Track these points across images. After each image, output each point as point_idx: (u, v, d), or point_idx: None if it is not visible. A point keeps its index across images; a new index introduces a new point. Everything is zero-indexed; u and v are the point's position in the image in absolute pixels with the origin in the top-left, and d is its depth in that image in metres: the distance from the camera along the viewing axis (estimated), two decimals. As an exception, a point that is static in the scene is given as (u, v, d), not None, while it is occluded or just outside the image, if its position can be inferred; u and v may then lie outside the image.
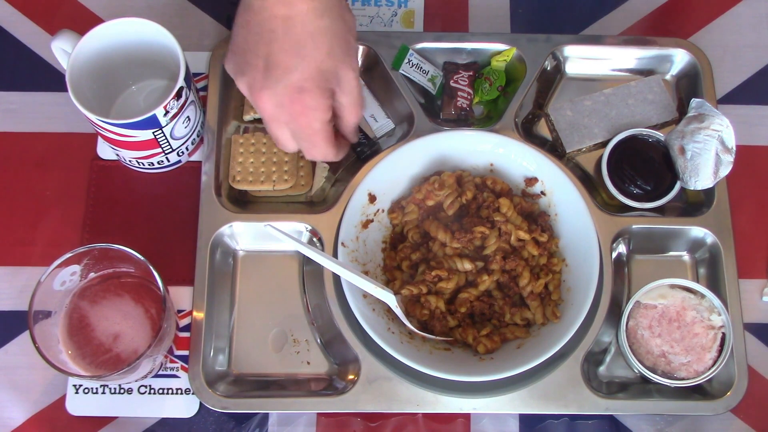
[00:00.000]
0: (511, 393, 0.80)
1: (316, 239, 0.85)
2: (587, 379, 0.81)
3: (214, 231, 0.84)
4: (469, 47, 0.91)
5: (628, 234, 0.86)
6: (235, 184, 0.87)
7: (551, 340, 0.78)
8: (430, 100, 0.92)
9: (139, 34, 0.82)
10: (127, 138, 0.81)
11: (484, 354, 0.80)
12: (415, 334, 0.81)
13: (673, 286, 0.81)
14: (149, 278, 0.76)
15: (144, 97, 0.89)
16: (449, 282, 0.80)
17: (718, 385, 0.81)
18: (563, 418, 0.82)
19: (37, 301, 0.75)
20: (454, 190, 0.84)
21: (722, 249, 0.84)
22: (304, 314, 0.85)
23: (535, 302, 0.81)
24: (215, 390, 0.80)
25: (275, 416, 0.82)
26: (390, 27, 0.96)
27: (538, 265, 0.83)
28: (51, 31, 0.94)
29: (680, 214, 0.87)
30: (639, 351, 0.80)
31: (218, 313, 0.84)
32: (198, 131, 0.88)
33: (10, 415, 0.82)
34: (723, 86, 0.93)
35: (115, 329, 0.79)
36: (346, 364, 0.83)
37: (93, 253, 0.77)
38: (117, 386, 0.83)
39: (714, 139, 0.83)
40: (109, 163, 0.90)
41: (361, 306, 0.79)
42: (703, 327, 0.80)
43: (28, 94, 0.93)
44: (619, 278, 0.85)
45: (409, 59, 0.90)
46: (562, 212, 0.84)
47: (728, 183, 0.86)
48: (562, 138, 0.88)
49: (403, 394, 0.80)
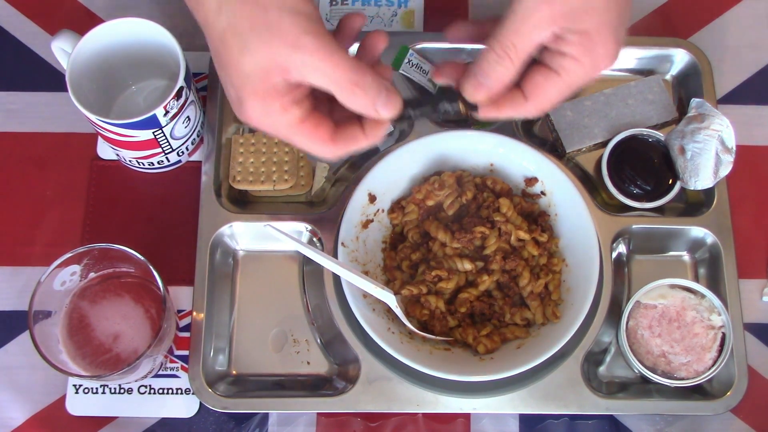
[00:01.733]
0: (511, 393, 0.80)
1: (316, 239, 0.85)
2: (587, 379, 0.81)
3: (214, 231, 0.84)
4: (469, 47, 0.91)
5: (628, 234, 0.86)
6: (235, 184, 0.87)
7: (551, 340, 0.78)
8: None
9: (139, 34, 0.82)
10: (127, 138, 0.81)
11: (484, 354, 0.80)
12: (415, 334, 0.81)
13: (673, 286, 0.81)
14: (149, 278, 0.76)
15: (144, 97, 0.89)
16: (449, 282, 0.80)
17: (718, 385, 0.81)
18: (563, 418, 0.82)
19: (37, 301, 0.75)
20: (454, 190, 0.84)
21: (722, 249, 0.84)
22: (304, 314, 0.85)
23: (535, 302, 0.82)
24: (215, 390, 0.80)
25: (275, 416, 0.82)
26: (390, 27, 0.96)
27: (538, 265, 0.83)
28: (51, 31, 0.94)
29: (680, 214, 0.87)
30: (639, 351, 0.80)
31: (218, 313, 0.84)
32: (198, 131, 0.88)
33: (10, 415, 0.82)
34: (723, 86, 0.93)
35: (115, 329, 0.79)
36: (346, 364, 0.83)
37: (93, 253, 0.77)
38: (117, 386, 0.83)
39: (714, 139, 0.83)
40: (109, 163, 0.90)
41: (361, 306, 0.79)
42: (703, 327, 0.80)
43: (28, 94, 0.93)
44: (619, 278, 0.85)
45: (409, 59, 0.90)
46: (562, 212, 0.84)
47: (728, 183, 0.86)
48: (562, 138, 0.88)
49: (403, 394, 0.80)
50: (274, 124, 0.64)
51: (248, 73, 0.61)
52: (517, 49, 0.64)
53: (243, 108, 0.64)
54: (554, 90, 0.66)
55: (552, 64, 0.65)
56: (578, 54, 0.64)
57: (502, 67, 0.65)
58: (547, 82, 0.66)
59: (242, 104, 0.63)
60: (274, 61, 0.61)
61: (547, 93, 0.66)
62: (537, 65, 0.66)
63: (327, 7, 0.97)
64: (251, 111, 0.63)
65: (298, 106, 0.63)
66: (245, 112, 0.64)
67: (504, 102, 0.67)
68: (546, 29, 0.63)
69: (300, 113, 0.64)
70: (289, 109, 0.63)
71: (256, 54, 0.61)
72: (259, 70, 0.61)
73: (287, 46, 0.60)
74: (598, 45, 0.64)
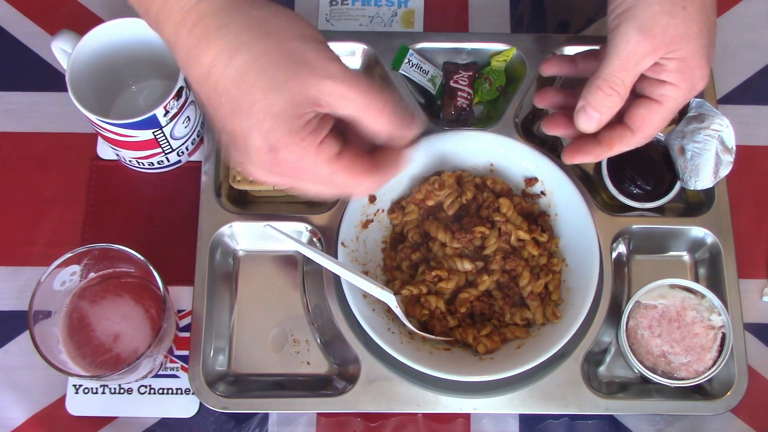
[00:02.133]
0: (511, 393, 0.80)
1: (316, 239, 0.85)
2: (587, 379, 0.81)
3: (214, 231, 0.84)
4: (469, 47, 0.91)
5: (628, 234, 0.86)
6: (235, 184, 0.87)
7: (551, 340, 0.78)
8: (430, 100, 0.92)
9: (139, 34, 0.82)
10: (127, 138, 0.81)
11: (484, 354, 0.80)
12: (415, 334, 0.81)
13: (673, 286, 0.81)
14: (149, 278, 0.76)
15: (144, 97, 0.89)
16: (449, 282, 0.80)
17: (718, 385, 0.81)
18: (563, 418, 0.82)
19: (37, 301, 0.75)
20: (454, 190, 0.84)
21: (722, 249, 0.84)
22: (304, 314, 0.85)
23: (535, 302, 0.81)
24: (215, 390, 0.80)
25: (275, 416, 0.82)
26: (390, 27, 0.96)
27: (538, 265, 0.83)
28: (51, 31, 0.94)
29: (680, 214, 0.87)
30: (639, 351, 0.80)
31: (218, 313, 0.84)
32: (198, 131, 0.88)
33: (10, 415, 0.82)
34: (723, 86, 0.93)
35: (115, 329, 0.79)
36: (346, 364, 0.83)
37: (93, 253, 0.77)
38: (117, 386, 0.83)
39: (714, 139, 0.83)
40: (109, 163, 0.90)
41: (361, 306, 0.79)
42: (703, 327, 0.80)
43: (28, 94, 0.93)
44: (619, 278, 0.85)
45: (409, 59, 0.90)
46: (562, 212, 0.84)
47: (728, 183, 0.86)
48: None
49: (403, 394, 0.80)
50: (313, 166, 0.59)
51: (279, 113, 0.57)
52: (625, 84, 0.69)
53: (278, 157, 0.58)
54: (658, 118, 0.71)
55: (652, 93, 0.70)
56: (677, 80, 0.68)
57: (612, 102, 0.69)
58: (650, 113, 0.70)
59: (277, 152, 0.58)
60: (305, 94, 0.57)
61: (653, 122, 0.71)
62: (638, 98, 0.71)
63: (327, 7, 0.97)
64: (289, 155, 0.58)
65: (333, 140, 0.59)
66: (280, 162, 0.58)
67: (614, 140, 0.72)
68: (649, 61, 0.68)
69: (336, 148, 0.60)
70: (326, 145, 0.59)
71: (285, 89, 0.57)
72: (291, 107, 0.57)
73: (315, 77, 0.57)
74: (695, 69, 0.68)
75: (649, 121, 0.71)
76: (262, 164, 0.60)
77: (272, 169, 0.59)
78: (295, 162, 0.58)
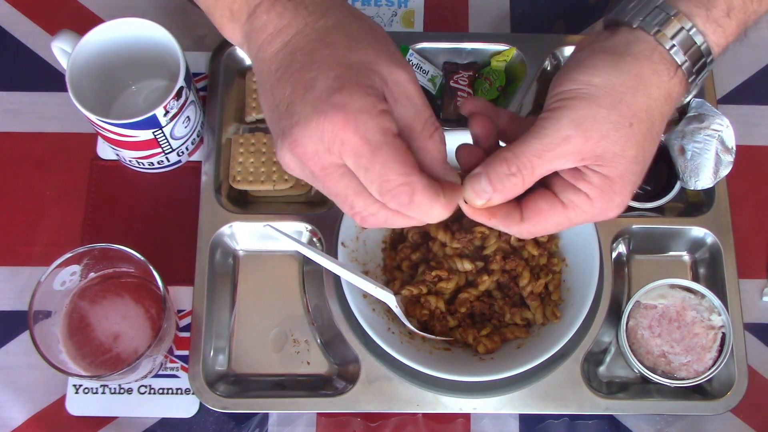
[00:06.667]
0: (511, 393, 0.80)
1: (316, 239, 0.85)
2: (587, 379, 0.81)
3: (214, 231, 0.84)
4: (469, 47, 0.91)
5: (628, 234, 0.86)
6: (235, 184, 0.87)
7: (551, 340, 0.78)
8: (430, 100, 0.91)
9: (139, 34, 0.82)
10: (127, 138, 0.81)
11: (484, 354, 0.80)
12: (415, 334, 0.81)
13: (673, 286, 0.81)
14: (149, 278, 0.76)
15: (144, 97, 0.89)
16: (449, 282, 0.80)
17: (718, 385, 0.81)
18: (563, 418, 0.82)
19: (37, 301, 0.75)
20: (454, 190, 0.84)
21: (722, 249, 0.84)
22: (304, 314, 0.85)
23: (535, 302, 0.81)
24: (215, 390, 0.80)
25: (275, 416, 0.82)
26: (390, 27, 0.96)
27: (538, 265, 0.83)
28: (51, 31, 0.94)
29: (680, 214, 0.87)
30: (639, 351, 0.80)
31: (218, 313, 0.84)
32: (198, 131, 0.88)
33: (10, 415, 0.82)
34: (723, 86, 0.93)
35: (115, 329, 0.79)
36: (346, 364, 0.83)
37: (93, 253, 0.77)
38: (117, 386, 0.83)
39: (714, 139, 0.83)
40: (109, 163, 0.90)
41: (361, 306, 0.79)
42: (703, 327, 0.80)
43: (28, 94, 0.93)
44: (619, 278, 0.85)
45: (409, 59, 0.90)
46: (562, 212, 0.84)
47: (728, 183, 0.86)
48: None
49: (403, 394, 0.80)
50: (365, 124, 0.55)
51: (352, 65, 0.56)
52: (534, 172, 0.60)
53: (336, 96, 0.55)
54: (554, 220, 0.62)
55: (561, 194, 0.62)
56: (594, 195, 0.61)
57: (512, 184, 0.60)
58: (549, 211, 0.62)
59: (337, 92, 0.55)
60: (379, 68, 0.57)
61: (547, 221, 0.62)
62: (543, 189, 0.62)
63: (327, 7, 0.97)
64: (347, 99, 0.55)
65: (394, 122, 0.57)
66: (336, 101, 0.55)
67: (498, 213, 0.62)
68: (570, 163, 0.60)
69: (395, 128, 0.57)
70: (388, 116, 0.57)
71: (366, 53, 0.57)
72: (365, 67, 0.57)
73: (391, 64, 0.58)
74: (617, 194, 0.61)
75: (543, 218, 0.62)
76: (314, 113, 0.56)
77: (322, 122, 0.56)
78: (352, 110, 0.55)
